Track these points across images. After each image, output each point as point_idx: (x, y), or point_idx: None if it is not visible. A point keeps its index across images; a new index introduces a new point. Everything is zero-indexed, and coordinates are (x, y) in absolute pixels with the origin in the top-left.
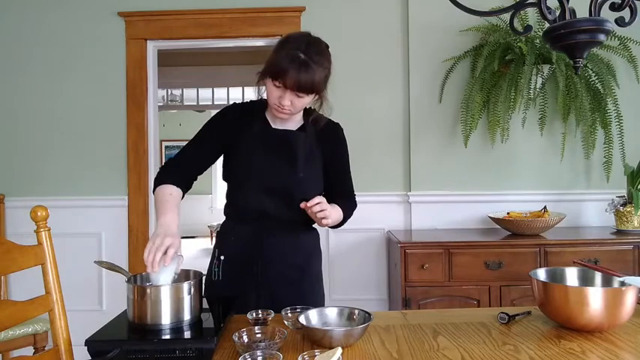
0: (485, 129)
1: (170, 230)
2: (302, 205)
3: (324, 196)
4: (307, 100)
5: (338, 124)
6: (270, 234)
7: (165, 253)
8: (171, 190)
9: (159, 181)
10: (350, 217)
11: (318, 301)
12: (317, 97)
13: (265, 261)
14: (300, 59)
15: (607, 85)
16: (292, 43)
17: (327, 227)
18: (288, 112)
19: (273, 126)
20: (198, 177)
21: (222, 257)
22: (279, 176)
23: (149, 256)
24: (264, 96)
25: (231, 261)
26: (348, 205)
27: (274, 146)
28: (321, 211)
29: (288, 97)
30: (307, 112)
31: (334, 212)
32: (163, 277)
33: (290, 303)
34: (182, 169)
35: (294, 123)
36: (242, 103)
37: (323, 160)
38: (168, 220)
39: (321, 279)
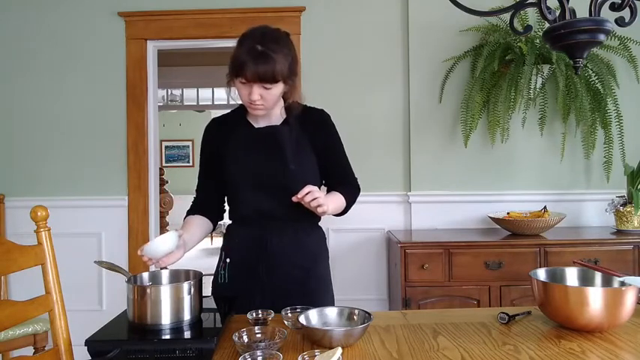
0: (486, 129)
1: None
2: (293, 198)
3: (324, 185)
4: (276, 91)
5: (322, 110)
6: (272, 234)
7: None
8: (186, 220)
9: (186, 214)
10: (354, 202)
11: (325, 303)
12: (286, 86)
13: (269, 262)
14: (257, 50)
15: (607, 85)
16: (249, 37)
17: (332, 215)
18: (261, 106)
19: (257, 126)
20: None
21: (227, 260)
22: (271, 172)
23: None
24: (233, 96)
25: (237, 263)
26: (349, 191)
27: (261, 144)
28: (314, 199)
29: (255, 91)
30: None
31: (333, 200)
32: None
33: (296, 304)
34: (199, 201)
35: (277, 118)
36: (221, 115)
37: (314, 150)
38: None
39: (329, 280)
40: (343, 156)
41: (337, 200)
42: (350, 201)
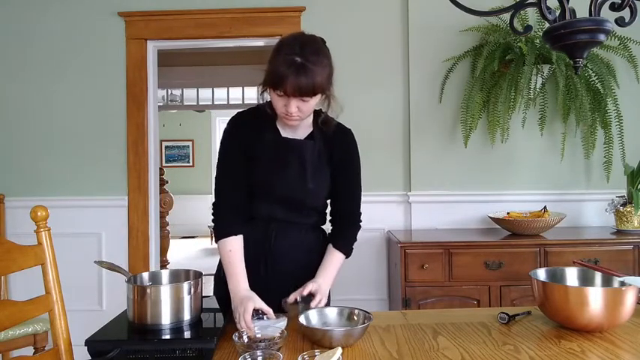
0: (485, 129)
1: (239, 295)
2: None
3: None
4: (314, 103)
5: (350, 130)
6: (278, 236)
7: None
8: (230, 246)
9: (218, 234)
10: (353, 243)
11: None
12: (324, 96)
13: (272, 262)
14: (297, 63)
15: (607, 85)
16: (286, 47)
17: None
18: (297, 118)
19: (283, 134)
20: (200, 176)
21: None
22: (289, 187)
23: (242, 325)
24: (265, 99)
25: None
26: (349, 236)
27: (284, 156)
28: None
29: (293, 103)
30: (316, 115)
31: (330, 276)
32: (271, 330)
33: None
34: (233, 209)
35: (304, 130)
36: (247, 111)
37: (330, 169)
38: (234, 286)
39: None
40: (356, 185)
41: (335, 270)
42: (349, 251)
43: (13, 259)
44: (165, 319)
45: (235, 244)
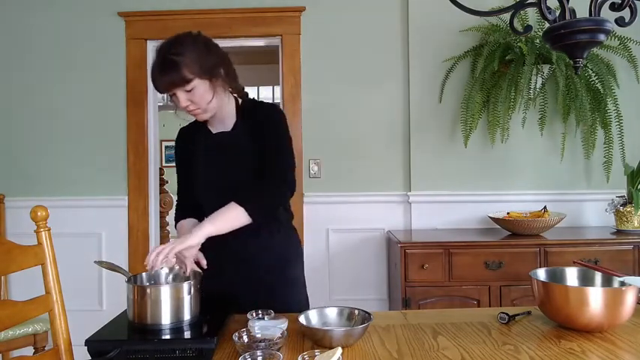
0: (485, 129)
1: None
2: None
3: None
4: (201, 90)
5: (271, 105)
6: (234, 236)
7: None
8: (181, 224)
9: (176, 219)
10: (269, 200)
11: (292, 307)
12: (208, 81)
13: (233, 262)
14: (162, 61)
15: (607, 85)
16: (157, 52)
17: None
18: (198, 110)
19: (214, 132)
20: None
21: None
22: (221, 181)
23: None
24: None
25: (207, 263)
26: (257, 189)
27: (214, 152)
28: (159, 254)
29: (180, 97)
30: (243, 103)
31: (214, 222)
32: (271, 330)
33: (262, 305)
34: (185, 204)
35: (230, 121)
36: (189, 123)
37: (252, 147)
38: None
39: (300, 284)
40: (273, 148)
41: (219, 217)
42: (252, 207)
43: (13, 259)
44: (166, 319)
45: (185, 222)
